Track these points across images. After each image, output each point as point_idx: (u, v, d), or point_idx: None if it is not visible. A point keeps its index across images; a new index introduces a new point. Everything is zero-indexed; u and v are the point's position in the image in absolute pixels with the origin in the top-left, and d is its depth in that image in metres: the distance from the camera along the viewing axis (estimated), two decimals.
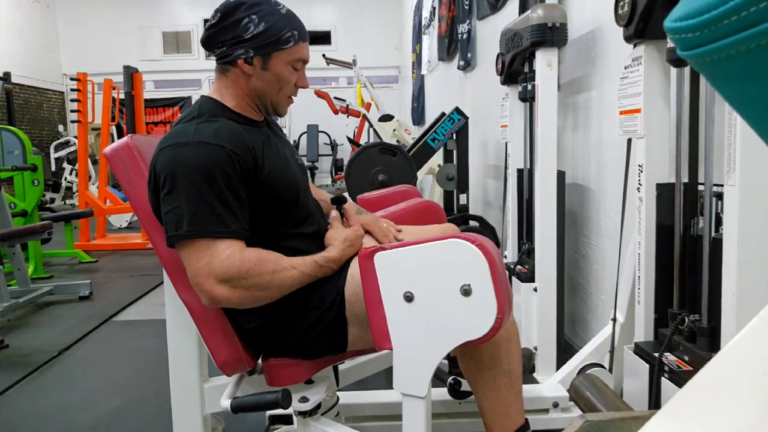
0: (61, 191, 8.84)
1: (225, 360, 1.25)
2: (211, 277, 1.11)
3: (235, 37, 1.22)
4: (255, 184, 1.19)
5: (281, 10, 1.25)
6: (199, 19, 10.94)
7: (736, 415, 0.41)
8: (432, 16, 6.00)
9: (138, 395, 2.23)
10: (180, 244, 1.14)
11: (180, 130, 1.19)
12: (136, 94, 5.55)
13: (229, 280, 1.11)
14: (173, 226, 1.13)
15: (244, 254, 1.13)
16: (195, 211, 1.11)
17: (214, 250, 1.11)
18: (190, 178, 1.12)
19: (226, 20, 1.22)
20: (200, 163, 1.12)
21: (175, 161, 1.13)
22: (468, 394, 1.55)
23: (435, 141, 3.48)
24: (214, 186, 1.12)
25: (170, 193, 1.13)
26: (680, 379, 1.35)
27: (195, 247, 1.12)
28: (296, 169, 1.35)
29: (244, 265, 1.12)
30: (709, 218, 1.36)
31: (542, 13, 2.03)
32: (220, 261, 1.11)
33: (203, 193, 1.11)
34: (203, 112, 1.24)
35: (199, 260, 1.12)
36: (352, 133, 7.84)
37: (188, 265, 1.14)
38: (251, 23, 1.21)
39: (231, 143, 1.15)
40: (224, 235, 1.12)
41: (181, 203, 1.12)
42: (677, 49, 0.33)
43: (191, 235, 1.11)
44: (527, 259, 2.35)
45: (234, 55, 1.23)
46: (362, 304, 1.17)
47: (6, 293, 3.22)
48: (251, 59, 1.23)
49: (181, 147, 1.15)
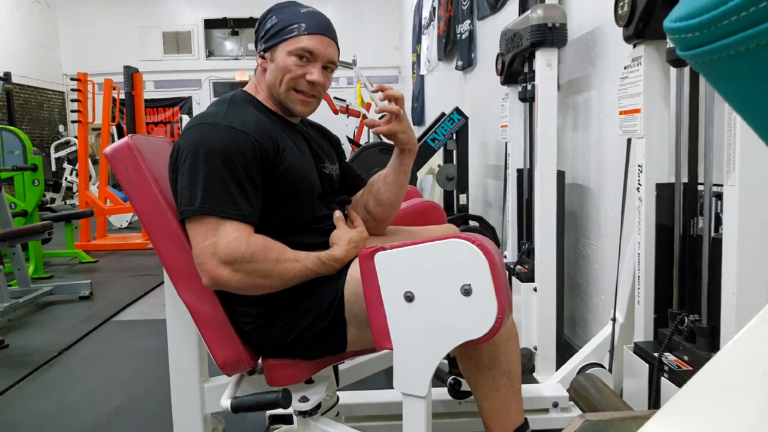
0: (62, 191, 8.84)
1: (225, 360, 1.25)
2: (215, 257, 1.12)
3: (259, 36, 1.32)
4: (273, 174, 1.21)
5: (302, 9, 1.30)
6: (199, 19, 10.95)
7: (735, 415, 0.41)
8: (432, 16, 6.00)
9: (138, 395, 2.23)
10: (190, 221, 1.15)
11: (209, 112, 1.23)
12: (137, 94, 5.55)
13: (232, 263, 1.12)
14: (186, 201, 1.15)
15: (251, 239, 1.14)
16: (210, 189, 1.13)
17: (222, 231, 1.13)
18: (211, 157, 1.14)
19: (260, 24, 1.32)
20: (223, 144, 1.15)
21: (199, 139, 1.16)
22: (468, 394, 1.55)
23: (435, 141, 3.48)
24: (233, 168, 1.14)
25: (189, 169, 1.15)
26: (680, 379, 1.35)
27: (204, 224, 1.13)
28: (315, 172, 1.34)
29: (249, 249, 1.13)
30: (709, 218, 1.36)
31: (542, 14, 2.03)
32: (227, 242, 1.12)
33: (220, 173, 1.14)
34: (235, 100, 1.29)
35: (206, 239, 1.13)
36: (352, 133, 7.84)
37: (194, 243, 1.15)
38: (269, 21, 1.29)
39: (255, 131, 1.19)
40: (234, 216, 1.14)
41: (197, 180, 1.14)
42: (677, 49, 0.33)
43: (202, 212, 1.13)
44: (527, 259, 2.35)
45: (258, 51, 1.33)
46: (362, 305, 1.17)
47: (6, 293, 3.22)
48: (264, 53, 1.30)
49: (208, 127, 1.18)
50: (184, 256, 1.23)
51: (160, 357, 2.46)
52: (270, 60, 1.29)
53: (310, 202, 1.30)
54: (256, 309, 1.23)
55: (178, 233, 1.23)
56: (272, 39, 1.27)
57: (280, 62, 1.27)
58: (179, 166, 1.18)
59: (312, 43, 1.26)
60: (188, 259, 1.23)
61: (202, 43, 11.03)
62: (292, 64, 1.26)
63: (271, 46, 1.28)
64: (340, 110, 6.41)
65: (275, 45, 1.27)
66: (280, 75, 1.27)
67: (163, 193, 1.24)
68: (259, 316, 1.23)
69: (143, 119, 5.69)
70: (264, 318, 1.23)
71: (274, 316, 1.23)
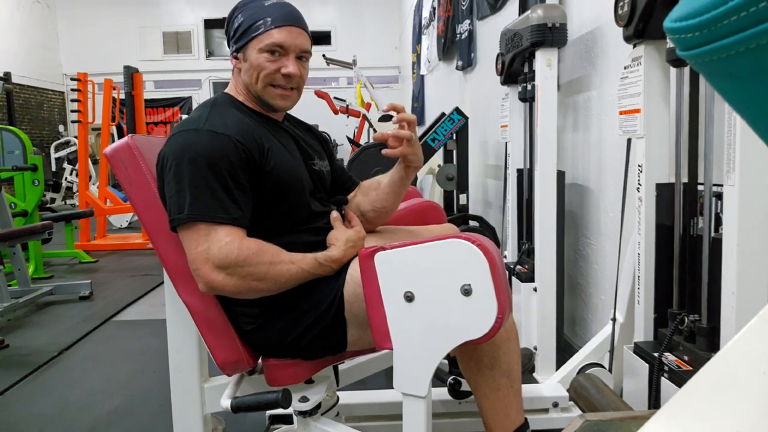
0: (62, 191, 8.84)
1: (225, 360, 1.25)
2: (208, 262, 1.12)
3: (229, 37, 1.31)
4: (259, 175, 1.21)
5: (266, 3, 1.27)
6: (199, 19, 10.95)
7: (735, 415, 0.41)
8: (432, 16, 6.00)
9: (138, 395, 2.23)
10: (181, 228, 1.15)
11: (191, 118, 1.23)
12: (137, 94, 5.56)
13: (226, 267, 1.12)
14: (176, 209, 1.14)
15: (243, 243, 1.14)
16: (197, 196, 1.13)
17: (214, 236, 1.13)
18: (195, 163, 1.14)
19: (228, 24, 1.31)
20: (206, 150, 1.14)
21: (182, 146, 1.16)
22: (468, 394, 1.55)
23: (435, 141, 3.47)
24: (218, 173, 1.14)
25: (174, 177, 1.15)
26: (680, 379, 1.35)
27: (195, 231, 1.14)
28: (304, 169, 1.34)
29: (242, 253, 1.12)
30: (709, 218, 1.36)
31: (542, 14, 2.03)
32: (219, 247, 1.12)
33: (206, 178, 1.13)
34: (217, 104, 1.28)
35: (198, 245, 1.13)
36: (352, 133, 7.83)
37: (188, 250, 1.15)
38: (236, 21, 1.28)
39: (237, 133, 1.18)
40: (225, 221, 1.14)
41: (183, 187, 1.14)
42: (677, 49, 0.33)
43: (192, 218, 1.13)
44: (527, 259, 2.35)
45: (230, 53, 1.32)
46: (361, 305, 1.17)
47: (6, 293, 3.22)
48: (236, 54, 1.30)
49: (191, 133, 1.18)
50: (184, 256, 1.23)
51: (160, 357, 2.46)
52: (243, 60, 1.28)
53: (302, 200, 1.30)
54: (255, 309, 1.23)
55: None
56: (242, 38, 1.26)
57: (253, 60, 1.26)
58: (165, 174, 1.17)
59: (281, 36, 1.24)
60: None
61: (202, 43, 11.03)
62: (265, 60, 1.25)
63: (241, 46, 1.27)
64: (340, 110, 6.41)
65: (246, 44, 1.26)
66: (254, 73, 1.26)
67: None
68: (259, 316, 1.23)
69: (143, 119, 5.69)
70: (264, 318, 1.23)
71: (274, 316, 1.23)
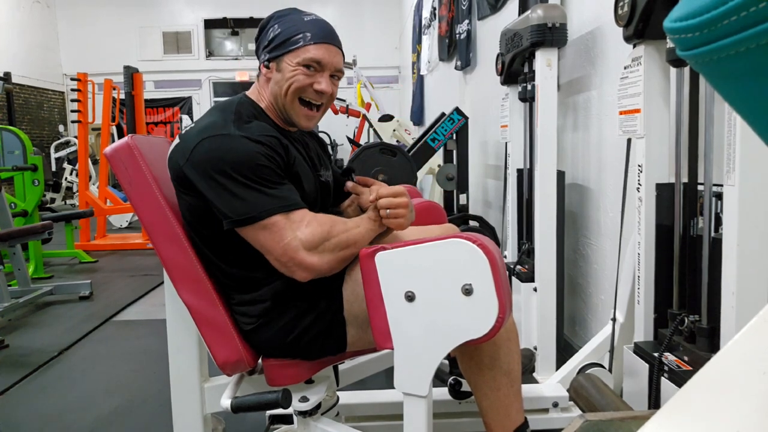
0: (62, 191, 8.84)
1: (225, 360, 1.25)
2: (300, 249, 1.13)
3: (262, 45, 1.30)
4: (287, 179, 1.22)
5: (306, 17, 1.28)
6: (199, 19, 10.95)
7: (735, 415, 0.41)
8: (432, 17, 6.00)
9: (138, 395, 2.23)
10: (254, 228, 1.14)
11: (216, 123, 1.20)
12: (137, 94, 5.56)
13: (317, 246, 1.14)
14: (240, 210, 1.13)
15: (317, 218, 1.16)
16: (258, 193, 1.13)
17: (293, 223, 1.14)
18: (240, 166, 1.13)
19: (261, 32, 1.31)
20: (247, 153, 1.14)
21: (221, 152, 1.15)
22: (468, 394, 1.55)
23: (435, 141, 3.48)
24: (264, 173, 1.14)
25: (223, 182, 1.13)
26: (680, 379, 1.35)
27: (273, 225, 1.13)
28: (314, 181, 1.33)
29: (324, 228, 1.15)
30: (709, 218, 1.36)
31: (542, 14, 2.03)
32: (303, 231, 1.13)
33: (256, 179, 1.13)
34: (241, 112, 1.25)
35: (283, 237, 1.13)
36: (352, 133, 7.83)
37: (273, 246, 1.14)
38: (272, 31, 1.27)
39: (268, 140, 1.18)
40: (294, 206, 1.15)
41: (238, 190, 1.12)
42: (677, 49, 0.33)
43: (268, 213, 1.13)
44: (527, 259, 2.35)
45: (260, 61, 1.31)
46: (362, 305, 1.17)
47: (6, 293, 3.22)
48: (268, 63, 1.28)
49: (224, 138, 1.16)
50: (184, 256, 1.23)
51: (160, 357, 2.46)
52: (276, 70, 1.27)
53: (312, 210, 1.29)
54: (256, 309, 1.23)
55: (178, 234, 1.23)
56: (277, 49, 1.25)
57: (287, 73, 1.25)
58: (205, 182, 1.14)
59: (319, 52, 1.25)
60: (188, 259, 1.23)
61: (202, 43, 11.04)
62: (300, 74, 1.25)
63: (275, 56, 1.26)
64: (340, 110, 6.41)
65: (281, 55, 1.25)
66: (286, 85, 1.25)
67: (163, 194, 1.25)
68: (259, 316, 1.23)
69: (143, 119, 5.69)
70: (264, 318, 1.23)
71: (274, 316, 1.23)
